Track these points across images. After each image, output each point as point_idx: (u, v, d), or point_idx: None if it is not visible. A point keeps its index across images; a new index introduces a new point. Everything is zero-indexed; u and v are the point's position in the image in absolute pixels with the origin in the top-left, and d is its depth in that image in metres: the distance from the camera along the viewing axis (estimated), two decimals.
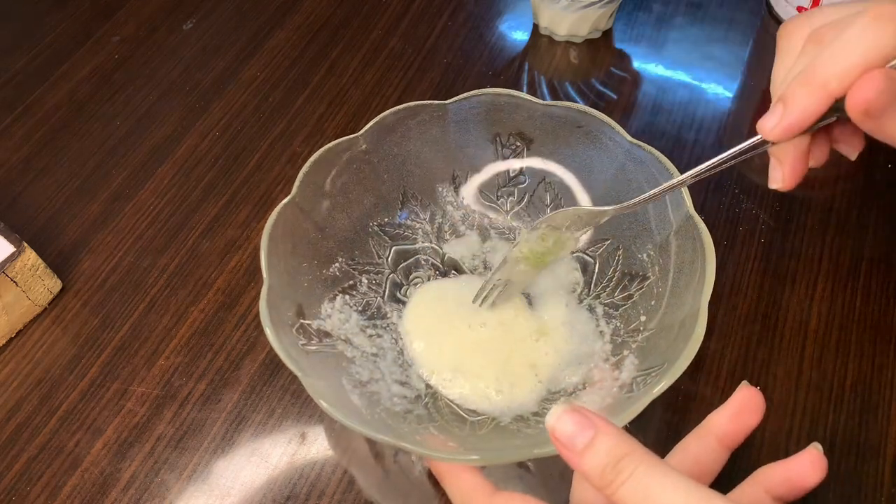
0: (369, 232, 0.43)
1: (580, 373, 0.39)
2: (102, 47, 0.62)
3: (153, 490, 0.39)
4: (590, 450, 0.25)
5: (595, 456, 0.24)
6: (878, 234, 0.46)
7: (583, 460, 0.25)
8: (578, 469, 0.25)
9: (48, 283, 0.45)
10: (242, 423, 0.41)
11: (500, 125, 0.44)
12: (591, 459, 0.24)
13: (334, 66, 0.59)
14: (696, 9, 0.61)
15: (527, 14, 0.61)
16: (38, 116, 0.57)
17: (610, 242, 0.42)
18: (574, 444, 0.25)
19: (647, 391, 0.31)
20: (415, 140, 0.43)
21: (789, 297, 0.44)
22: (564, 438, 0.25)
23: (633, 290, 0.40)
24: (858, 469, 0.38)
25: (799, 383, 0.41)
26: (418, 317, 0.42)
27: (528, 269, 0.40)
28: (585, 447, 0.25)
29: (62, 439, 0.41)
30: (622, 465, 0.24)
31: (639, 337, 0.38)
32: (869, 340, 0.42)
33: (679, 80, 0.56)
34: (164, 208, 0.51)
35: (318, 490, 0.38)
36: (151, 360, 0.43)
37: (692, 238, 0.36)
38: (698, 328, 0.32)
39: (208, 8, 0.64)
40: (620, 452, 0.24)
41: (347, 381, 0.36)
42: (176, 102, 0.57)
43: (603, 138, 0.41)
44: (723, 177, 0.49)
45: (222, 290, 0.46)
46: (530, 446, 0.31)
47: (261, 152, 0.53)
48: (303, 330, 0.36)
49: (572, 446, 0.25)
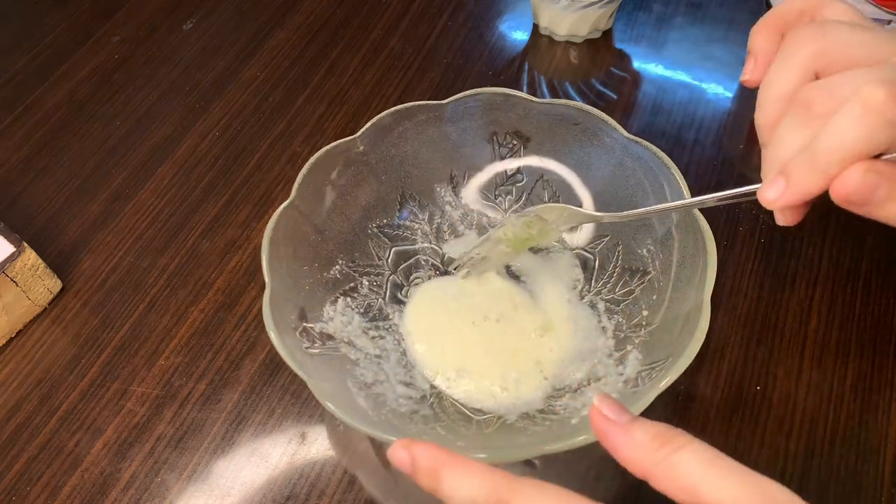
0: (369, 233, 0.43)
1: (584, 369, 0.39)
2: (102, 47, 0.62)
3: (153, 490, 0.39)
4: (639, 421, 0.25)
5: (644, 427, 0.24)
6: (878, 235, 0.46)
7: (632, 429, 0.24)
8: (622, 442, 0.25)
9: (48, 283, 0.45)
10: (242, 423, 0.41)
11: (497, 124, 0.44)
12: (642, 428, 0.24)
13: (334, 66, 0.59)
14: (696, 9, 0.61)
15: (527, 14, 0.61)
16: (38, 116, 0.57)
17: (609, 238, 0.43)
18: (620, 417, 0.25)
19: (652, 385, 0.31)
20: (412, 141, 0.43)
21: (789, 297, 0.44)
22: (611, 412, 0.25)
23: (635, 286, 0.40)
24: (858, 469, 0.38)
25: (799, 383, 0.41)
26: (419, 317, 0.42)
27: (507, 251, 0.41)
28: (633, 420, 0.25)
29: (62, 439, 0.41)
30: (674, 435, 0.24)
31: (641, 332, 0.38)
32: (869, 340, 0.42)
33: (679, 80, 0.56)
34: (164, 208, 0.51)
35: (318, 490, 0.38)
36: (151, 360, 0.43)
37: (693, 232, 0.36)
38: (702, 321, 0.32)
39: (208, 8, 0.64)
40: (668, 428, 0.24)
41: (352, 384, 0.36)
42: (176, 102, 0.57)
43: (600, 135, 0.41)
44: (723, 177, 0.49)
45: (222, 290, 0.46)
46: (539, 443, 0.31)
47: (261, 152, 0.53)
48: (306, 333, 0.36)
49: (619, 418, 0.25)
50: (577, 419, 0.35)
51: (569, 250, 0.44)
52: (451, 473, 0.24)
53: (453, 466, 0.25)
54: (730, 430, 0.39)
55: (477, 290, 0.43)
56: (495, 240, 0.40)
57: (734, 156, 0.51)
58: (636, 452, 0.24)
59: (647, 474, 0.24)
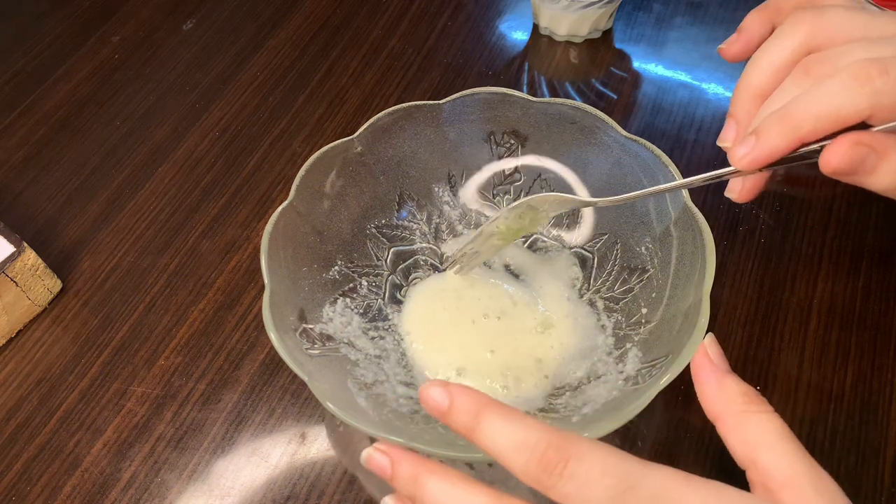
0: (367, 234, 0.43)
1: (584, 367, 0.39)
2: (102, 47, 0.62)
3: (153, 490, 0.39)
4: (734, 375, 0.27)
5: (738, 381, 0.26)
6: (878, 234, 0.46)
7: (728, 377, 0.27)
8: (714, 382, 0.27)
9: (48, 283, 0.45)
10: (242, 423, 0.41)
11: (494, 123, 0.44)
12: (735, 381, 0.26)
13: (334, 66, 0.59)
14: (696, 9, 0.61)
15: (527, 14, 0.61)
16: (38, 116, 0.57)
17: (608, 237, 0.43)
18: (721, 363, 0.27)
19: (653, 382, 0.32)
20: (410, 141, 0.43)
21: (789, 297, 0.44)
22: (716, 356, 0.28)
23: (633, 284, 0.40)
24: (858, 469, 0.37)
25: (799, 383, 0.41)
26: (419, 316, 0.42)
27: (498, 244, 0.41)
28: (730, 371, 0.27)
29: (62, 439, 0.41)
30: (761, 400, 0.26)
31: (641, 330, 0.38)
32: (869, 340, 0.42)
33: (679, 80, 0.56)
34: (164, 208, 0.51)
35: (318, 490, 0.38)
36: (151, 360, 0.43)
37: (691, 229, 0.36)
38: (702, 318, 0.32)
39: (208, 8, 0.64)
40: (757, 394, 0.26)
41: (353, 384, 0.36)
42: (176, 102, 0.57)
43: (598, 133, 0.41)
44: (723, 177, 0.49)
45: (222, 290, 0.46)
46: None
47: (261, 152, 0.53)
48: (306, 334, 0.36)
49: (720, 364, 0.27)
50: (578, 417, 0.35)
51: (567, 249, 0.44)
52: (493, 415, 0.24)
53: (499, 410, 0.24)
54: None
55: (476, 288, 0.43)
56: (487, 234, 0.40)
57: None
58: (722, 397, 0.26)
59: (719, 417, 0.26)
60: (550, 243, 0.45)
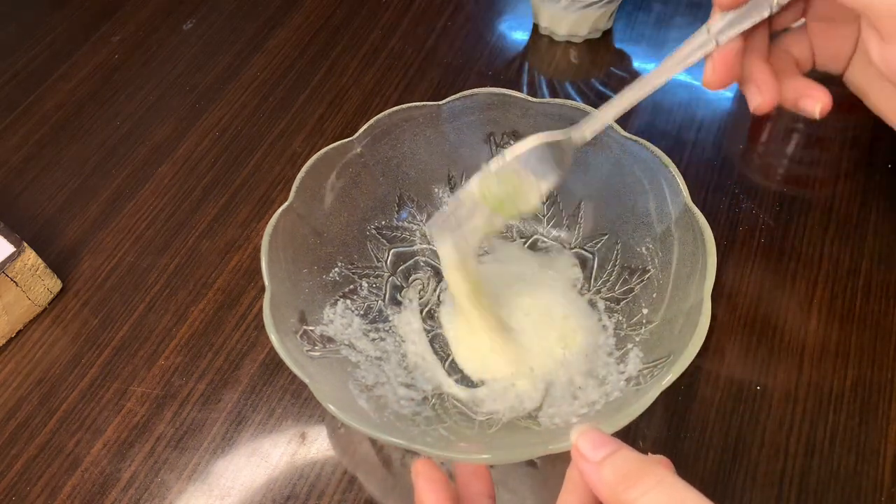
0: (367, 235, 0.43)
1: (585, 368, 0.39)
2: (102, 47, 0.62)
3: (153, 490, 0.39)
4: (612, 458, 0.25)
5: (615, 466, 0.24)
6: (878, 234, 0.46)
7: (603, 467, 0.25)
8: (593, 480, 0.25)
9: (48, 283, 0.45)
10: (242, 423, 0.41)
11: (494, 124, 0.44)
12: (612, 468, 0.24)
13: (334, 66, 0.59)
14: (696, 9, 0.61)
15: (527, 14, 0.61)
16: (38, 116, 0.57)
17: (608, 237, 0.43)
18: (596, 453, 0.25)
19: (655, 383, 0.31)
20: (409, 142, 0.43)
21: (789, 297, 0.44)
22: (588, 448, 0.25)
23: (634, 284, 0.40)
24: (858, 469, 0.37)
25: (799, 383, 0.41)
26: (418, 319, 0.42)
27: (492, 217, 0.37)
28: (610, 454, 0.25)
29: (62, 439, 0.41)
30: (644, 474, 0.24)
31: (642, 330, 0.38)
32: (869, 340, 0.42)
33: (679, 80, 0.56)
34: (164, 208, 0.51)
35: (318, 490, 0.38)
36: (151, 360, 0.43)
37: (691, 229, 0.36)
38: (703, 318, 0.32)
39: (208, 8, 0.64)
40: (641, 466, 0.24)
41: (354, 386, 0.36)
42: (176, 102, 0.57)
43: (597, 133, 0.41)
44: (723, 177, 0.49)
45: (222, 290, 0.46)
46: (542, 443, 0.31)
47: (261, 152, 0.53)
48: (306, 336, 0.36)
49: (594, 454, 0.25)
50: (579, 418, 0.35)
51: (568, 249, 0.44)
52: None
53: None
54: (730, 430, 0.39)
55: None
56: (471, 203, 0.37)
57: (734, 156, 0.51)
58: (604, 491, 0.24)
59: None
60: (551, 243, 0.45)
